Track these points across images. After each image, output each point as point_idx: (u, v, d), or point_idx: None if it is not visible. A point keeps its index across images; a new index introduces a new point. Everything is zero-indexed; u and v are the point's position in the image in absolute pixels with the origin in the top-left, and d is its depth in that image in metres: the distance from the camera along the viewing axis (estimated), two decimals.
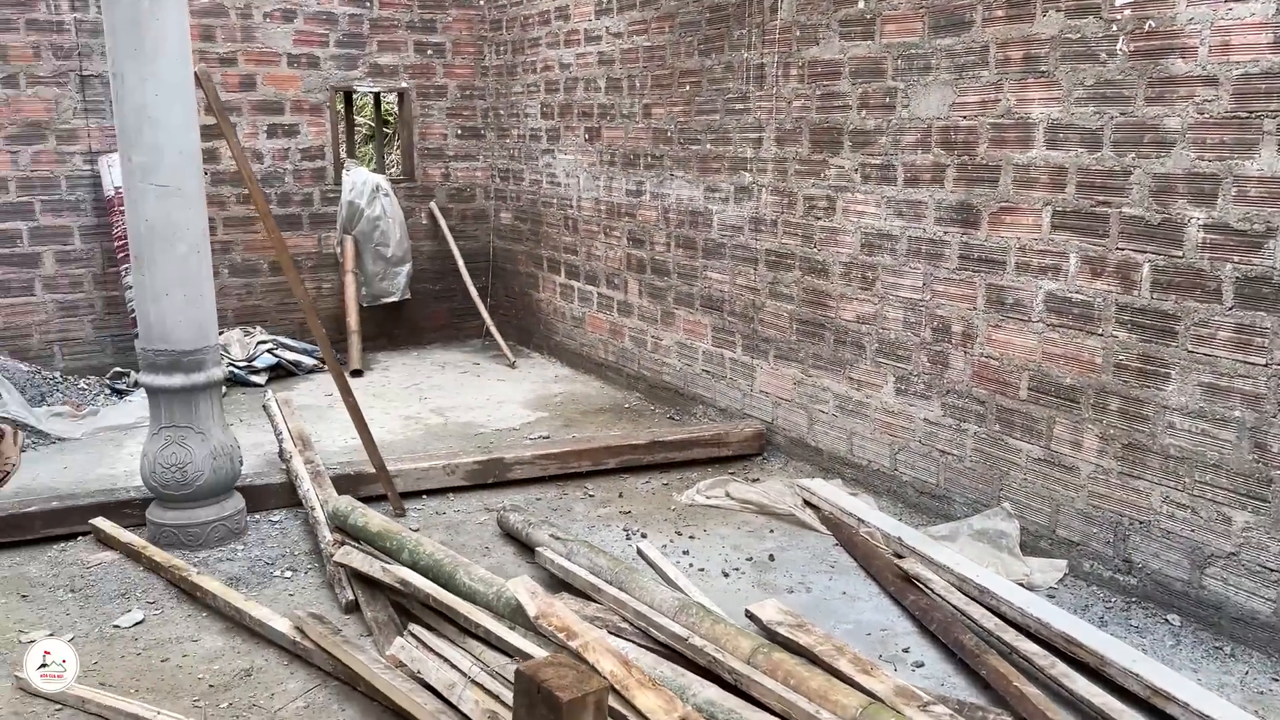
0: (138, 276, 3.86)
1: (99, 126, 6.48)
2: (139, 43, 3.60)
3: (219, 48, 6.76)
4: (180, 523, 3.98)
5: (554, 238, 7.14)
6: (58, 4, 6.25)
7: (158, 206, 3.75)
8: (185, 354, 3.88)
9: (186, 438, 3.92)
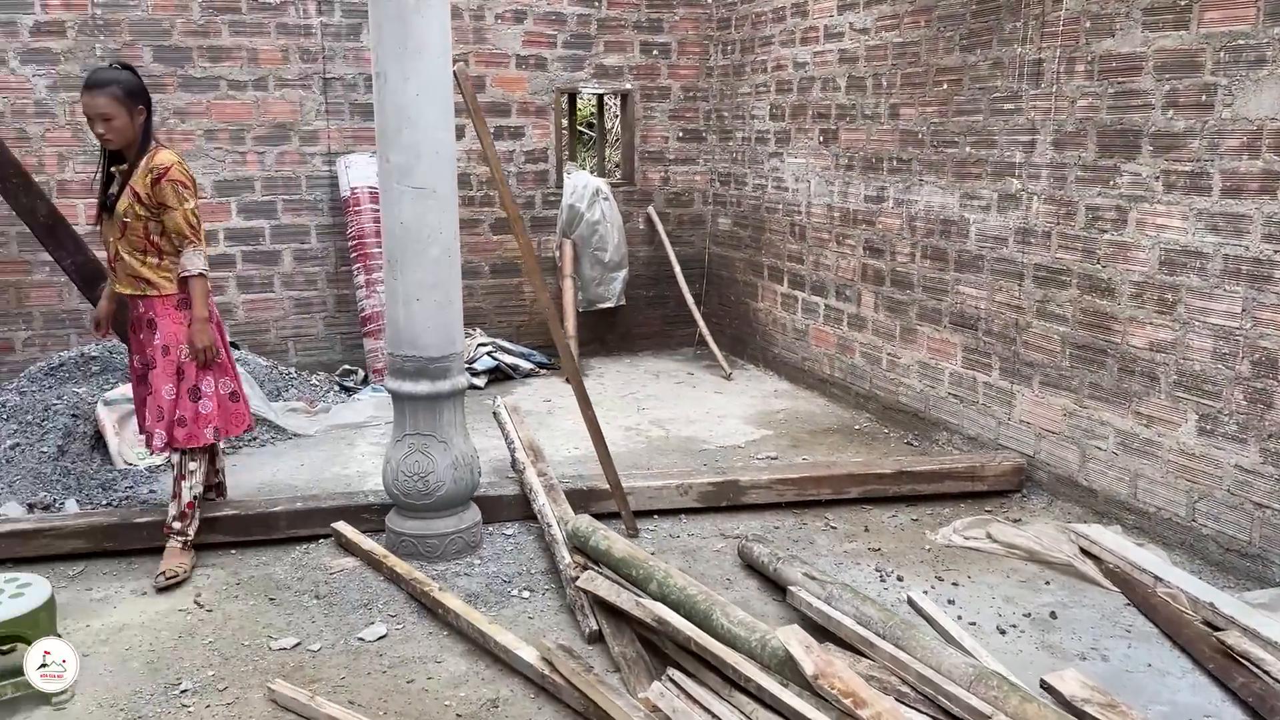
0: (389, 280, 3.79)
1: (338, 128, 6.62)
2: (404, 39, 3.50)
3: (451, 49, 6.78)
4: (419, 533, 3.88)
5: (777, 245, 6.81)
6: (306, 8, 6.41)
7: (413, 208, 3.65)
8: (432, 361, 3.78)
9: (429, 446, 3.82)
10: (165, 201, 3.64)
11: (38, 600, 2.96)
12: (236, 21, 6.28)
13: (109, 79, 3.59)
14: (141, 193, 3.63)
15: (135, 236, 3.67)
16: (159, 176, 3.62)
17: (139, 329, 3.81)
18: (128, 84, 3.61)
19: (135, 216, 3.64)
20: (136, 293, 3.73)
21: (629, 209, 7.49)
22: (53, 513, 4.31)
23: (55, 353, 6.05)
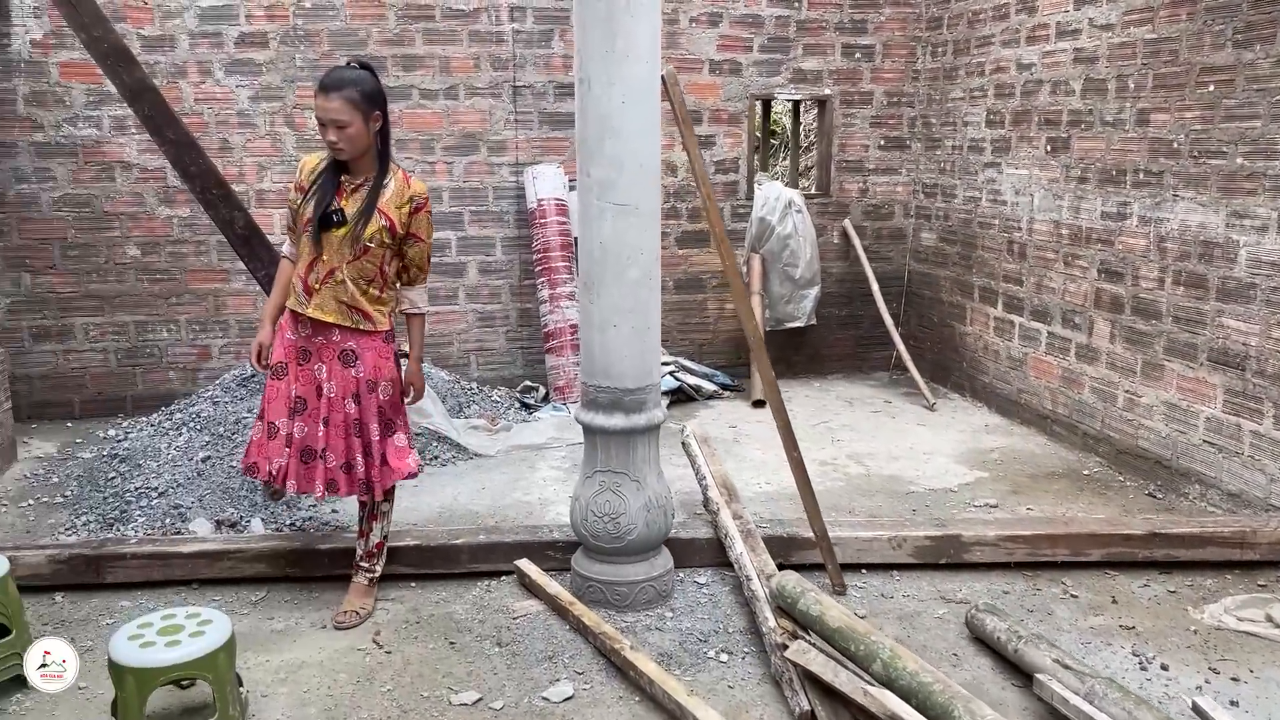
0: (584, 303, 3.49)
1: (526, 138, 6.44)
2: (610, 43, 3.19)
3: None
4: (608, 579, 3.56)
5: (990, 264, 6.20)
6: (498, 15, 6.26)
7: (613, 226, 3.34)
8: (627, 392, 3.45)
9: (621, 485, 3.50)
10: (418, 233, 3.37)
11: (218, 640, 2.79)
12: (430, 30, 6.19)
13: (345, 79, 3.16)
14: (396, 220, 3.29)
15: (370, 264, 3.30)
16: (418, 207, 3.34)
17: (319, 359, 3.39)
18: (366, 86, 3.19)
19: (380, 244, 3.28)
20: (342, 323, 3.33)
21: (823, 222, 7.03)
22: (239, 531, 4.23)
23: (248, 363, 6.10)
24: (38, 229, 5.92)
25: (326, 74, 3.22)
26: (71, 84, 5.83)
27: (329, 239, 3.27)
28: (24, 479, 5.05)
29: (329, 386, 3.37)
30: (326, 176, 3.30)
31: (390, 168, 3.32)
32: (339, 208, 3.26)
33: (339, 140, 3.18)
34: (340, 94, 3.14)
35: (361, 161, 3.29)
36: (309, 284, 3.32)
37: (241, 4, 5.94)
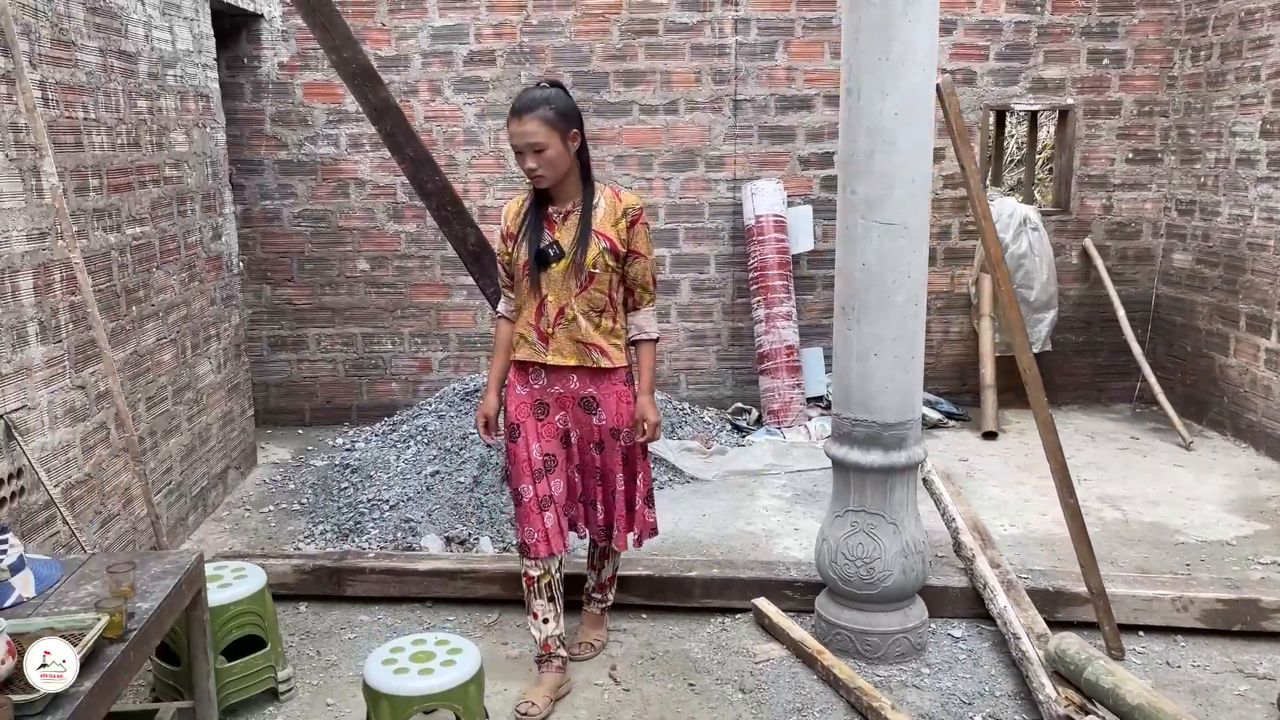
0: (841, 329, 3.25)
1: (745, 153, 6.27)
2: (886, 49, 2.95)
3: None
4: (858, 627, 3.31)
5: (1262, 289, 5.57)
6: (721, 27, 6.12)
7: (879, 247, 3.10)
8: (887, 427, 3.19)
9: (876, 527, 3.24)
10: (638, 249, 3.06)
11: (469, 671, 2.71)
12: (653, 44, 6.11)
13: (537, 99, 2.90)
14: (615, 239, 3.01)
15: (599, 293, 3.03)
16: (634, 220, 3.04)
17: (560, 408, 3.13)
18: (560, 104, 2.92)
19: (605, 267, 3.00)
20: (583, 363, 3.06)
21: (1061, 241, 6.52)
22: (468, 549, 4.21)
23: (468, 376, 6.17)
24: (278, 243, 6.18)
25: (516, 98, 2.96)
26: (314, 104, 6.06)
27: (550, 276, 3.01)
28: (263, 484, 5.24)
29: (575, 434, 3.16)
30: (532, 213, 3.06)
31: (596, 186, 3.07)
32: (553, 241, 3.00)
33: (538, 166, 2.91)
34: (534, 115, 2.86)
35: (565, 186, 3.02)
36: (542, 330, 3.05)
37: (472, 23, 6.04)
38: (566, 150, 2.94)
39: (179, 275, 4.50)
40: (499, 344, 3.22)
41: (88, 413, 3.59)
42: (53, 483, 3.24)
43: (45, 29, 3.42)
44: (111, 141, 3.87)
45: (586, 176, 3.06)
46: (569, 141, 2.94)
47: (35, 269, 3.27)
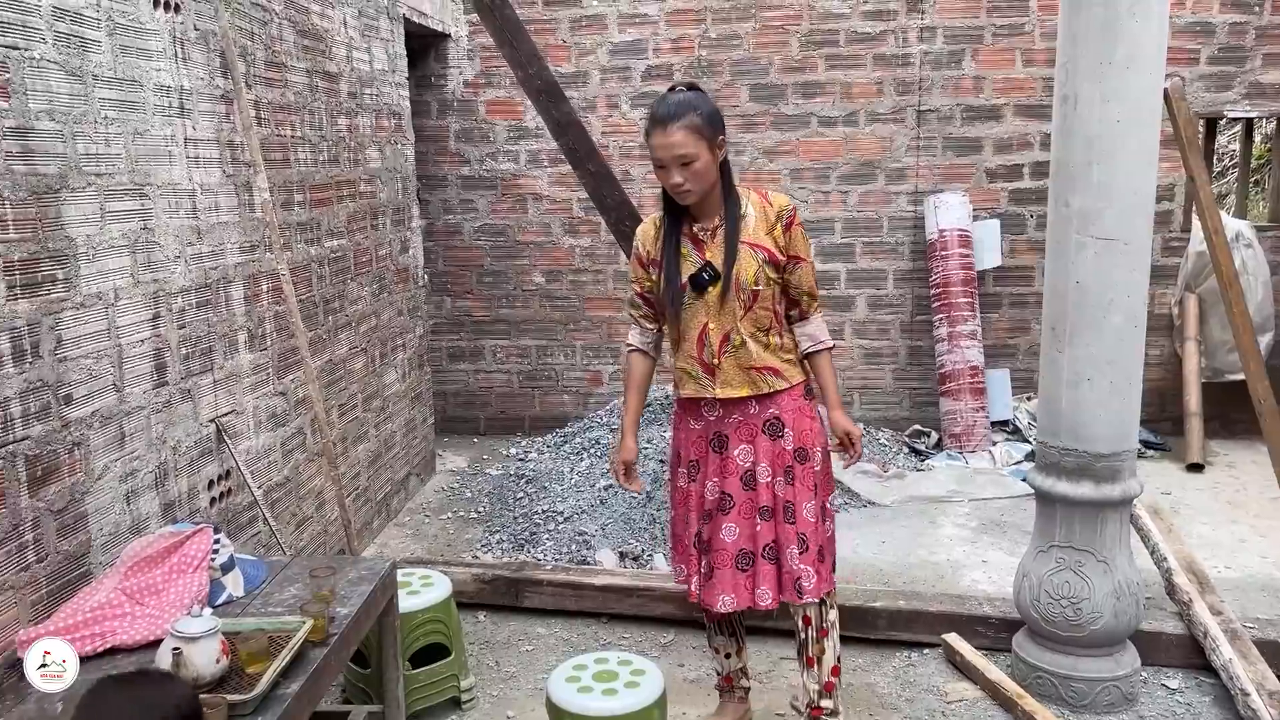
0: (1050, 351, 3.05)
1: (928, 165, 6.04)
2: (1108, 54, 2.75)
3: None
4: (1062, 671, 3.08)
5: None
6: (906, 36, 5.92)
7: (1095, 264, 2.88)
8: (1099, 458, 2.97)
9: (1084, 564, 3.01)
10: (797, 253, 2.72)
11: (652, 695, 2.65)
12: (833, 55, 5.97)
13: (683, 105, 2.57)
14: (773, 247, 2.68)
15: (764, 311, 2.70)
16: (789, 221, 2.70)
17: (741, 439, 2.74)
18: (706, 109, 2.59)
19: (768, 281, 2.68)
20: (758, 392, 2.72)
21: (1278, 259, 5.99)
22: (641, 565, 4.18)
23: None
24: (459, 256, 6.35)
25: (656, 104, 2.61)
26: (495, 120, 6.21)
27: (708, 301, 2.68)
28: (442, 491, 5.36)
29: (762, 469, 2.73)
30: (672, 236, 2.73)
31: (739, 192, 2.72)
32: (706, 262, 2.68)
33: (685, 181, 2.57)
34: (680, 124, 2.54)
35: (709, 201, 2.68)
36: (706, 362, 2.71)
37: (651, 38, 6.05)
38: (715, 160, 2.62)
39: (370, 287, 4.66)
40: (632, 380, 2.90)
41: (287, 418, 3.75)
42: (256, 485, 3.39)
43: (260, 51, 3.59)
44: (314, 158, 4.04)
45: (730, 184, 2.72)
46: (716, 150, 2.62)
47: (246, 280, 3.43)
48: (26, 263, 2.35)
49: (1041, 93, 5.88)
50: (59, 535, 2.45)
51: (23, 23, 2.36)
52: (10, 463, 2.28)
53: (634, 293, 2.89)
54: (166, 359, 2.93)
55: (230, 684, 2.09)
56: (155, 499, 2.87)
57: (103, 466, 2.63)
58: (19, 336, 2.31)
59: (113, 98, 2.70)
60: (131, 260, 2.77)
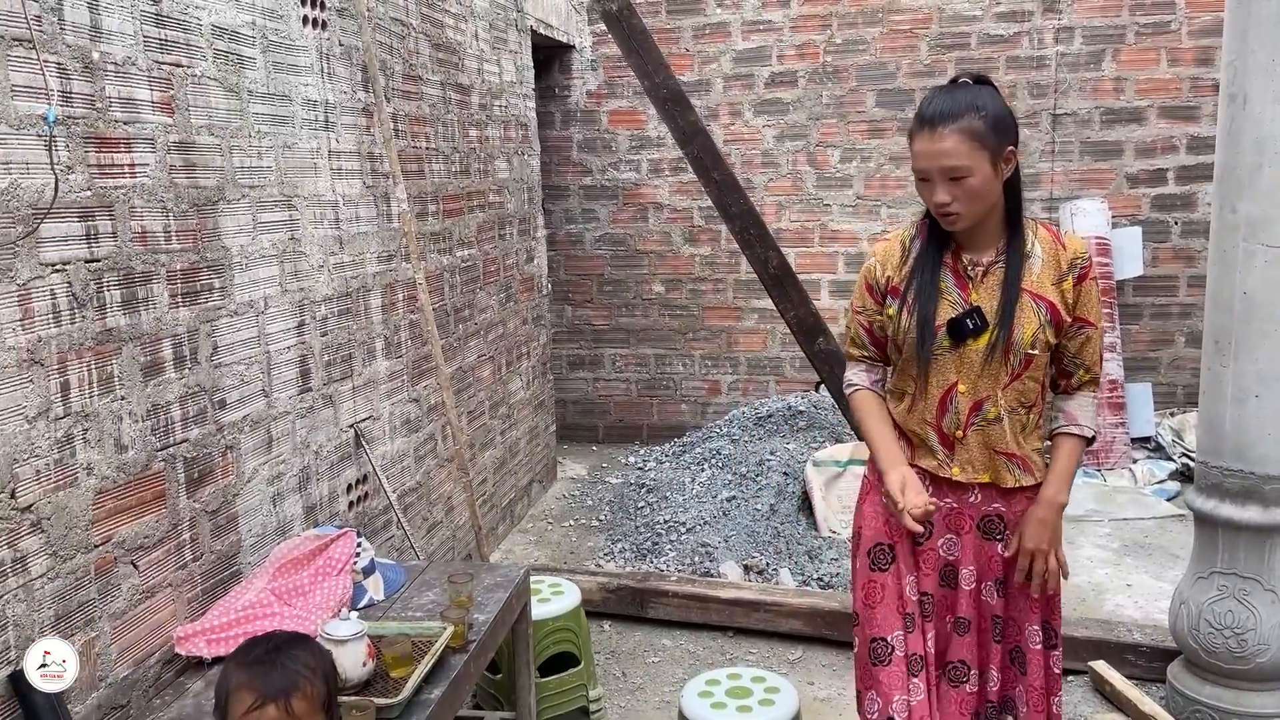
0: (1212, 366, 2.87)
1: (1063, 170, 5.82)
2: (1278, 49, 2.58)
3: (1216, 72, 5.59)
4: (1223, 706, 2.89)
5: None
6: (1041, 38, 5.72)
7: (1265, 274, 2.71)
8: (1269, 480, 2.78)
9: (1251, 594, 2.83)
10: (1087, 315, 2.14)
11: (787, 713, 2.59)
12: (964, 58, 5.81)
13: (960, 104, 2.03)
14: (1060, 302, 2.11)
15: (1032, 382, 2.14)
16: (1082, 274, 2.12)
17: (948, 529, 2.22)
18: (995, 111, 2.04)
19: (1046, 346, 2.12)
20: (1000, 481, 2.16)
21: None
22: (766, 579, 4.11)
23: (756, 399, 6.10)
24: (580, 265, 6.40)
25: (927, 99, 2.10)
26: (618, 130, 6.24)
27: (965, 357, 2.12)
28: (563, 498, 5.40)
29: (966, 573, 2.20)
30: (929, 263, 2.15)
31: (1027, 225, 2.16)
32: (973, 307, 2.11)
33: (954, 200, 2.03)
34: (955, 126, 2.00)
35: (984, 230, 2.12)
36: (945, 432, 2.17)
37: (774, 45, 6.00)
38: (997, 176, 2.06)
39: (498, 295, 4.73)
40: (870, 413, 2.28)
41: (420, 424, 3.81)
42: (391, 489, 3.45)
43: (399, 65, 3.68)
44: (447, 169, 4.12)
45: (1015, 214, 2.15)
46: (1002, 164, 2.06)
47: (383, 288, 3.51)
48: (187, 272, 2.44)
49: (1188, 93, 5.61)
50: (213, 535, 2.53)
51: (186, 41, 2.45)
52: (170, 464, 2.37)
53: (858, 326, 2.29)
54: (310, 365, 3.02)
55: (375, 687, 2.12)
56: (299, 502, 2.94)
57: (252, 469, 2.71)
58: (179, 343, 2.40)
59: (265, 112, 2.79)
60: (280, 270, 2.85)
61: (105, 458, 2.15)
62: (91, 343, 2.12)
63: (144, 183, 2.29)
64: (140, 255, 2.27)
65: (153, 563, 2.30)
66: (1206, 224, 5.72)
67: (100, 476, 2.14)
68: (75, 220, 2.08)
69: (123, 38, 2.23)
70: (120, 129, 2.22)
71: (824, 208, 6.10)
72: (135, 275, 2.26)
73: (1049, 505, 2.15)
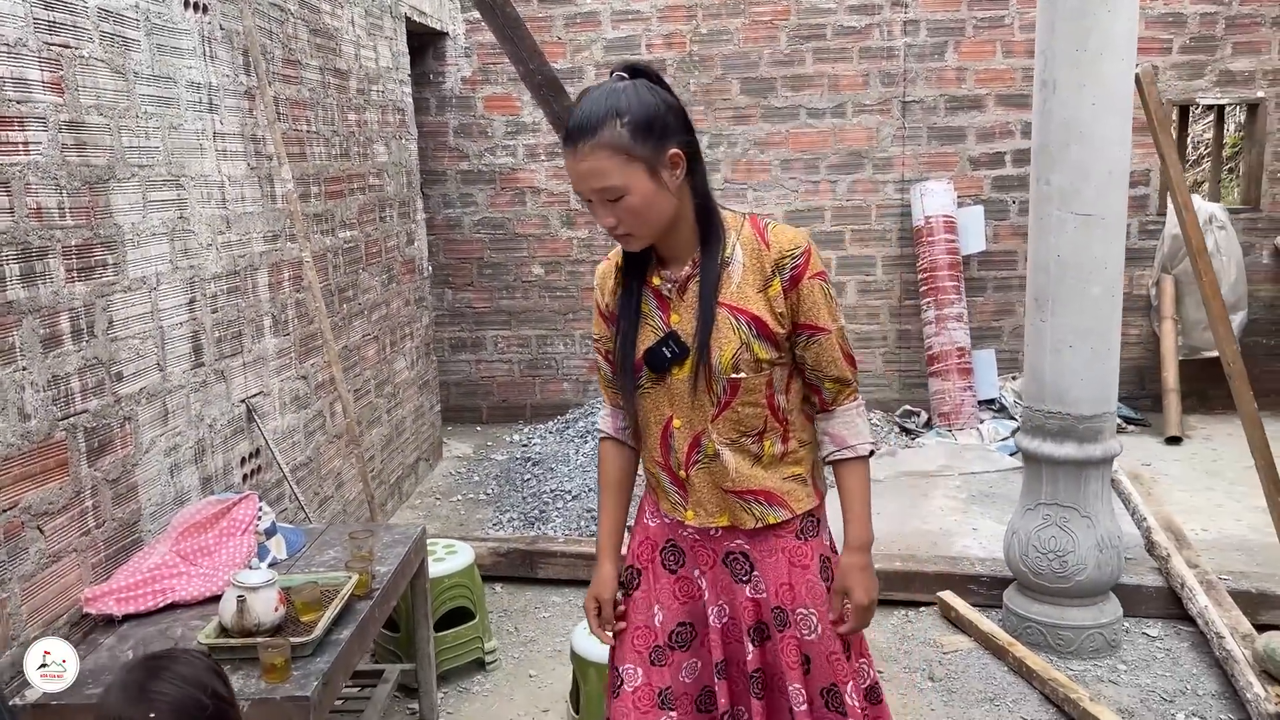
0: (1034, 322, 3.25)
1: (913, 154, 6.24)
2: (1082, 41, 2.96)
3: None
4: (1049, 621, 3.28)
5: None
6: (890, 30, 6.13)
7: (1074, 239, 3.09)
8: (1081, 419, 3.17)
9: (1069, 520, 3.22)
10: (813, 321, 1.80)
11: None
12: (820, 49, 6.17)
13: (598, 112, 1.68)
14: (767, 312, 1.78)
15: (750, 407, 1.82)
16: (797, 272, 1.77)
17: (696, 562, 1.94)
18: (638, 112, 1.68)
19: (755, 366, 1.79)
20: (733, 524, 1.88)
21: (1250, 240, 6.23)
22: None
23: None
24: (460, 249, 6.52)
25: (573, 108, 1.73)
26: (493, 116, 6.38)
27: (674, 387, 1.84)
28: (450, 475, 5.54)
29: (715, 611, 1.93)
30: (630, 284, 1.87)
31: (726, 224, 1.82)
32: (669, 332, 1.82)
33: (619, 221, 1.73)
34: (594, 142, 1.67)
35: (676, 237, 1.80)
36: (674, 472, 1.88)
37: (643, 34, 6.24)
38: (662, 185, 1.72)
39: (380, 276, 4.83)
40: (605, 480, 2.05)
41: (309, 401, 3.91)
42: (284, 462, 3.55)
43: (278, 49, 3.76)
44: (328, 152, 4.21)
45: (708, 213, 1.81)
46: (665, 170, 1.72)
47: (269, 267, 3.60)
48: (81, 248, 2.51)
49: (1022, 82, 6.10)
50: (114, 504, 2.61)
51: (72, 23, 2.52)
52: (72, 434, 2.44)
53: (599, 357, 1.99)
54: (202, 341, 3.10)
55: (287, 631, 2.26)
56: (195, 473, 3.03)
57: (150, 440, 2.79)
58: (76, 316, 2.48)
59: (151, 94, 2.86)
60: (170, 247, 2.93)
61: (9, 425, 2.23)
62: None
63: (38, 160, 2.36)
64: (37, 231, 2.34)
65: (58, 528, 2.38)
66: None
67: (5, 444, 2.21)
68: None
69: (14, 20, 2.30)
70: (14, 108, 2.29)
71: None
72: (33, 250, 2.33)
73: (863, 552, 1.90)
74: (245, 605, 2.18)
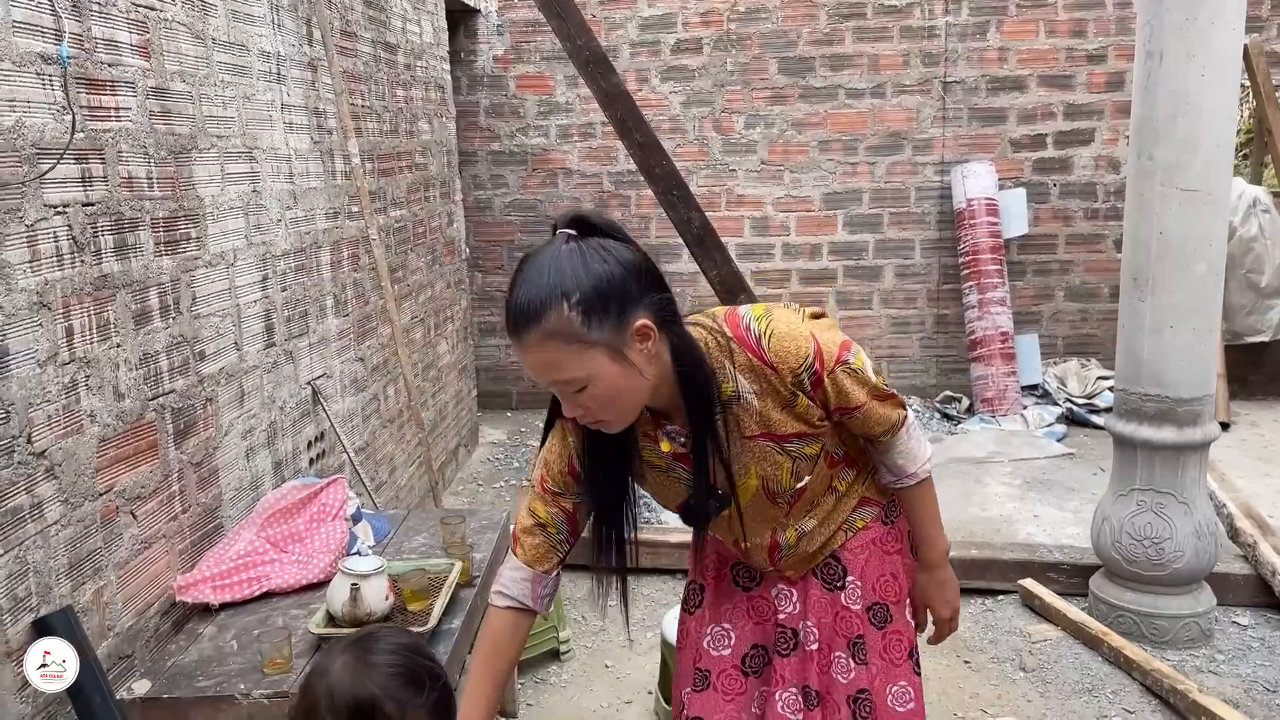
0: (1131, 302, 3.16)
1: (954, 136, 6.14)
2: (1194, 9, 2.86)
3: (1088, 43, 6.00)
4: (1142, 609, 3.20)
5: None
6: (931, 8, 6.02)
7: (1179, 215, 2.99)
8: (1182, 402, 3.09)
9: (1166, 506, 3.13)
10: (848, 404, 1.62)
11: None
12: (860, 27, 6.06)
13: (542, 296, 1.40)
14: (803, 425, 1.62)
15: (818, 479, 1.72)
16: (815, 377, 1.57)
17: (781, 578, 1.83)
18: (588, 286, 1.41)
19: (811, 464, 1.68)
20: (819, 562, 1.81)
21: None
22: None
23: None
24: (490, 231, 6.39)
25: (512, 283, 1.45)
26: (525, 96, 6.24)
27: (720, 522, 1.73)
28: (488, 462, 5.42)
29: (807, 631, 1.79)
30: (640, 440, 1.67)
31: (717, 361, 1.57)
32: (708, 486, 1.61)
33: (589, 412, 1.51)
34: (540, 332, 1.40)
35: (666, 397, 1.58)
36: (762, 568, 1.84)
37: (680, 12, 6.11)
38: (630, 366, 1.46)
39: (425, 257, 4.71)
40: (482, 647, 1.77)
41: (366, 384, 3.79)
42: (350, 445, 3.44)
43: (337, 19, 3.62)
44: (380, 128, 4.08)
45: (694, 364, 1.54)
46: (631, 348, 1.46)
47: (331, 245, 3.47)
48: (168, 220, 2.39)
49: (1065, 63, 6.00)
50: (198, 488, 2.49)
51: None
52: (160, 415, 2.32)
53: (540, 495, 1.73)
54: (274, 320, 2.98)
55: (396, 620, 2.15)
56: (268, 457, 2.91)
57: (229, 423, 2.67)
58: (164, 292, 2.35)
59: (227, 61, 2.73)
60: (245, 222, 2.81)
61: (105, 405, 2.11)
62: (90, 288, 2.07)
63: (128, 127, 2.23)
64: (128, 201, 2.22)
65: (149, 513, 2.26)
66: (1082, 186, 6.18)
67: (102, 424, 2.09)
68: (72, 163, 2.02)
69: None
70: (106, 71, 2.16)
71: (730, 173, 6.27)
72: (125, 222, 2.20)
73: (938, 568, 1.88)
74: (359, 593, 2.07)
